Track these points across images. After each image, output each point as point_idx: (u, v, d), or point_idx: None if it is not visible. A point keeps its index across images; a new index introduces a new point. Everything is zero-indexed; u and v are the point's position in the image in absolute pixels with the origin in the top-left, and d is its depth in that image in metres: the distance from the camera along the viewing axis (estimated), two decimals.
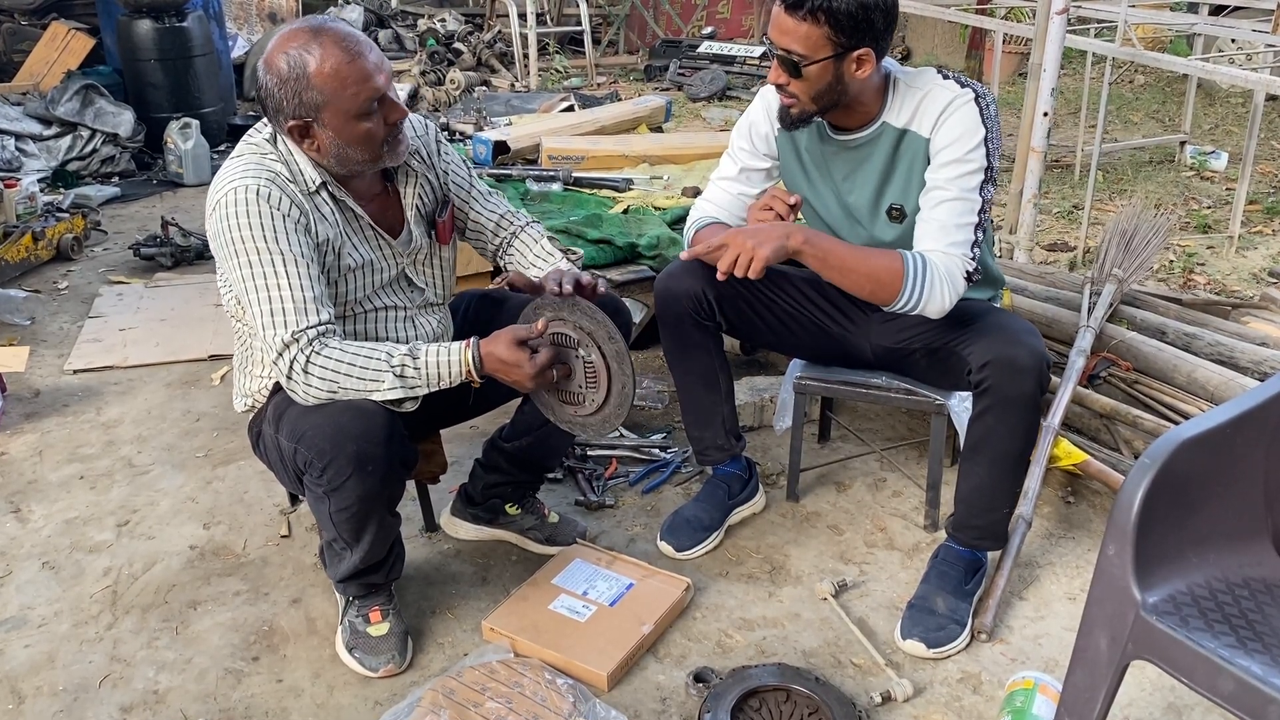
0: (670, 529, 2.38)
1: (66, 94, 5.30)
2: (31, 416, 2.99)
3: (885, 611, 2.17)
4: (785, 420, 2.55)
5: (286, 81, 1.78)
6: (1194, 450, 1.45)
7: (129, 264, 4.18)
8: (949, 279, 1.99)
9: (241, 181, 1.81)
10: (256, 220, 1.80)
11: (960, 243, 1.99)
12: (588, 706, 1.87)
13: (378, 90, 1.81)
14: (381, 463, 1.82)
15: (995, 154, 2.01)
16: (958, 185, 1.98)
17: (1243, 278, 4.01)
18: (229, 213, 1.81)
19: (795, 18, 1.90)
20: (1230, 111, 6.71)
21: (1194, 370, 2.72)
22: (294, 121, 1.81)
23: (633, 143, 3.94)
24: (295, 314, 1.80)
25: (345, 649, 2.02)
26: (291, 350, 1.80)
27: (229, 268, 1.84)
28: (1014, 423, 2.04)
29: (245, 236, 1.80)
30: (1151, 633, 1.39)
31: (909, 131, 2.05)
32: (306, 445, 1.83)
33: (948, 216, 1.99)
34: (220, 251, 1.85)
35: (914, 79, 2.06)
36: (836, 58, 1.93)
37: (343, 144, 1.83)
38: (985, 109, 1.99)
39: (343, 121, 1.80)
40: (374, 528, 1.92)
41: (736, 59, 7.63)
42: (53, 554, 2.37)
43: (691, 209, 2.38)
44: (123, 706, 1.93)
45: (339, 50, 1.77)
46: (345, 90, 1.78)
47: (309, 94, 1.78)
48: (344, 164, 1.87)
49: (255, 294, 1.81)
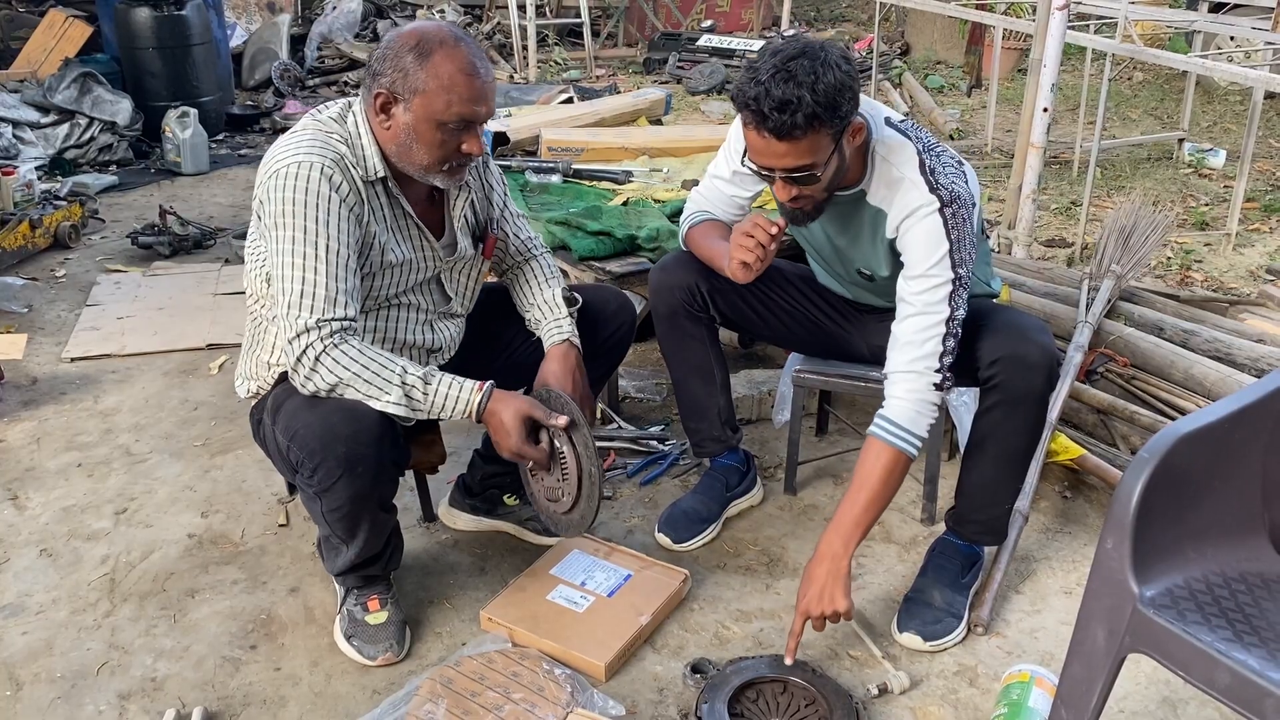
0: (668, 521, 2.38)
1: (64, 82, 5.29)
2: (29, 404, 2.99)
3: (882, 604, 2.18)
4: (784, 413, 2.55)
5: (405, 54, 1.78)
6: (1192, 445, 1.45)
7: (127, 252, 4.17)
8: (919, 408, 1.94)
9: (308, 157, 1.80)
10: (314, 199, 1.79)
11: (925, 357, 1.94)
12: (585, 696, 1.87)
13: (472, 114, 1.81)
14: (371, 464, 1.82)
15: (966, 261, 1.94)
16: (922, 300, 1.94)
17: (1240, 275, 4.02)
18: (287, 184, 1.80)
19: (791, 140, 1.82)
20: (1229, 109, 6.72)
21: (1191, 366, 2.73)
22: (384, 91, 1.81)
23: (632, 135, 3.94)
24: (325, 301, 1.80)
25: (343, 637, 2.03)
26: (309, 336, 1.79)
27: (271, 238, 1.82)
28: (1021, 419, 2.05)
29: (297, 212, 1.79)
30: (1148, 626, 1.40)
31: (882, 213, 2.01)
32: (298, 445, 1.82)
33: (913, 334, 1.95)
34: (267, 219, 1.83)
35: (891, 154, 1.98)
36: (837, 144, 1.87)
37: (413, 137, 1.82)
38: (950, 218, 1.92)
39: (425, 118, 1.80)
40: (368, 525, 1.93)
41: (736, 52, 7.62)
42: (50, 541, 2.37)
43: (688, 200, 2.38)
44: (121, 694, 1.93)
45: (466, 63, 1.79)
46: (447, 94, 1.78)
47: (416, 76, 1.78)
48: (403, 156, 1.86)
49: (290, 270, 1.79)
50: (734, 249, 2.05)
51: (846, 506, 1.95)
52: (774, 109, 1.77)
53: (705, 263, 2.24)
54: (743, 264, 2.04)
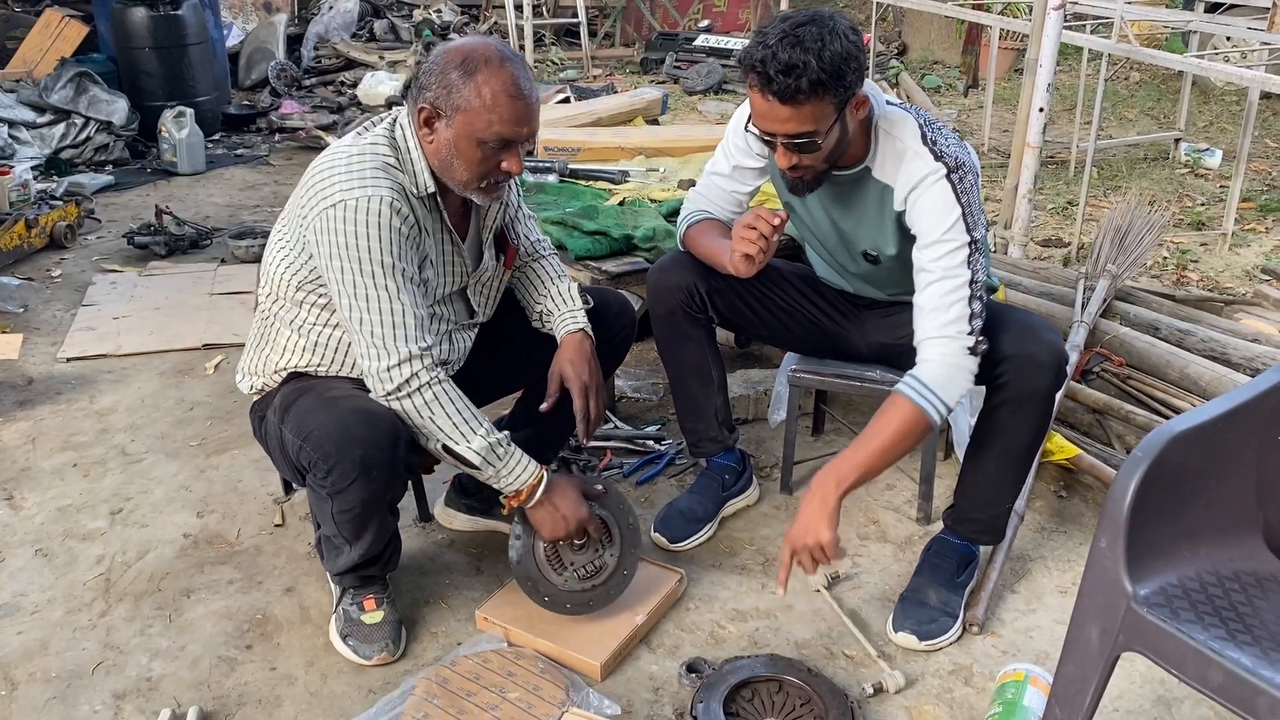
0: (664, 520, 2.38)
1: (60, 81, 5.28)
2: (25, 404, 2.98)
3: (877, 603, 2.18)
4: (779, 413, 2.55)
5: (450, 70, 1.79)
6: (1186, 444, 1.46)
7: (123, 252, 4.17)
8: (952, 377, 1.92)
9: (375, 190, 1.80)
10: (388, 233, 1.80)
11: (954, 321, 1.93)
12: (581, 696, 1.87)
13: (513, 135, 1.81)
14: (386, 468, 1.83)
15: (977, 224, 1.95)
16: (941, 266, 1.94)
17: (1236, 274, 4.03)
18: (358, 218, 1.79)
19: (795, 105, 1.83)
20: (1225, 109, 6.73)
21: (1186, 366, 2.73)
22: (428, 106, 1.82)
23: (629, 135, 3.94)
24: (417, 329, 1.83)
25: (339, 637, 2.03)
26: (415, 365, 1.82)
27: (342, 271, 1.81)
28: (1027, 418, 2.04)
29: (373, 246, 1.79)
30: (1142, 625, 1.40)
31: (889, 188, 2.02)
32: (312, 445, 1.83)
33: (939, 299, 1.94)
34: (334, 250, 1.80)
35: (894, 127, 1.99)
36: (840, 115, 1.89)
37: (454, 153, 1.83)
38: (958, 183, 1.93)
39: (466, 136, 1.80)
40: (375, 527, 1.94)
41: (733, 52, 7.62)
42: (45, 541, 2.37)
43: (684, 201, 2.38)
44: (116, 694, 1.93)
45: (511, 84, 1.79)
46: (489, 113, 1.78)
47: (459, 94, 1.78)
48: (444, 170, 1.87)
49: (375, 303, 1.80)
50: (736, 241, 2.06)
51: (851, 449, 1.93)
52: (779, 72, 1.80)
53: (705, 261, 2.24)
54: (745, 256, 2.05)
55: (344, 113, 6.20)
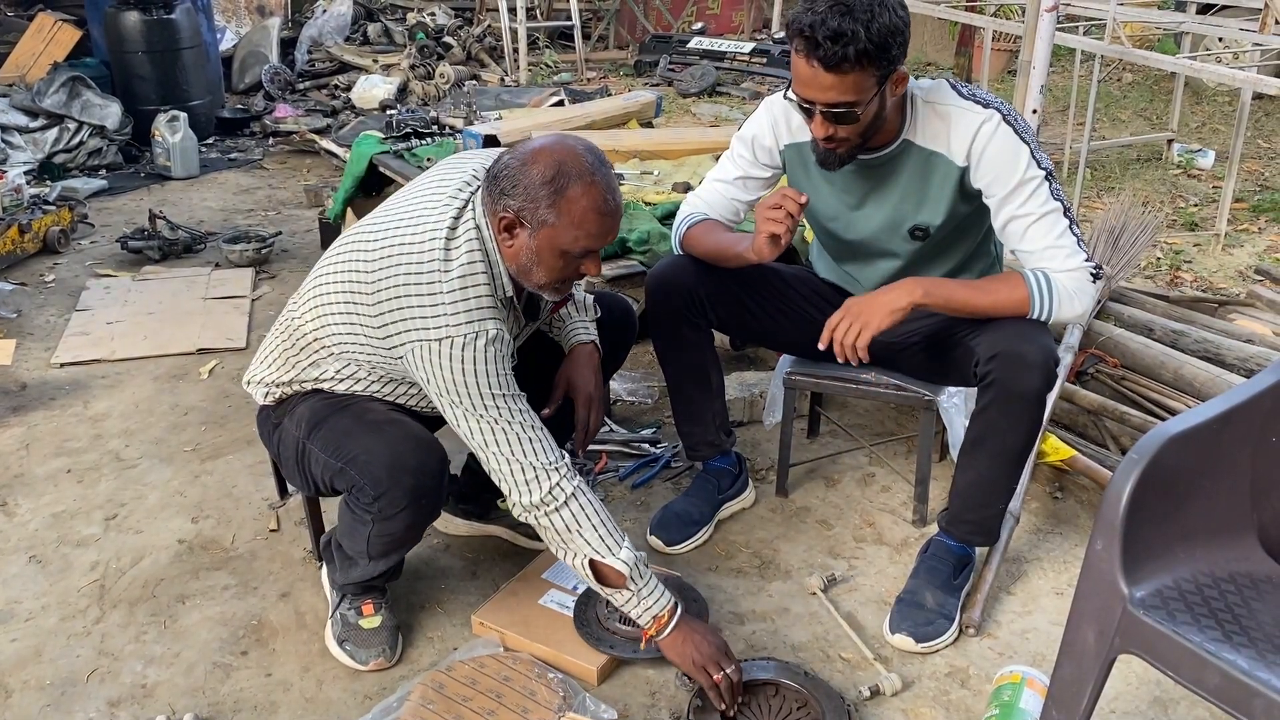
0: (660, 523, 2.38)
1: (53, 86, 5.27)
2: (18, 410, 2.97)
3: (874, 606, 2.18)
4: (775, 415, 2.55)
5: (539, 185, 1.73)
6: (1181, 445, 1.46)
7: (116, 257, 4.16)
8: (1077, 293, 1.99)
9: (482, 326, 1.76)
10: (497, 369, 1.78)
11: (1069, 253, 1.98)
12: (577, 700, 1.87)
13: (598, 246, 1.80)
14: (434, 496, 1.85)
15: (1043, 156, 1.99)
16: (1033, 205, 1.97)
17: (1229, 275, 4.04)
18: (476, 356, 1.76)
19: (839, 73, 1.84)
20: (1217, 110, 6.75)
21: (1181, 367, 2.74)
22: (510, 216, 1.76)
23: (623, 138, 3.94)
24: (545, 446, 1.82)
25: (336, 641, 2.02)
26: (554, 477, 1.81)
27: (447, 404, 1.80)
28: (1017, 418, 2.04)
29: (492, 384, 1.78)
30: (1138, 627, 1.40)
31: (938, 155, 2.02)
32: (359, 470, 1.83)
33: (1044, 239, 1.98)
34: (440, 386, 1.78)
35: (930, 94, 2.03)
36: (880, 89, 1.90)
37: (535, 260, 1.79)
38: (1015, 122, 1.98)
39: (550, 247, 1.77)
40: (405, 550, 1.97)
41: (726, 55, 7.62)
42: (39, 548, 2.36)
43: (683, 204, 2.37)
44: (110, 700, 1.92)
45: (600, 201, 1.75)
46: (578, 229, 1.75)
47: (548, 211, 1.74)
48: (521, 275, 1.83)
49: (501, 441, 1.79)
50: (761, 223, 2.04)
51: (949, 282, 2.05)
52: (827, 38, 1.81)
53: (710, 258, 2.24)
54: (771, 237, 2.03)
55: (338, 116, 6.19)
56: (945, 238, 2.13)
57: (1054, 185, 1.99)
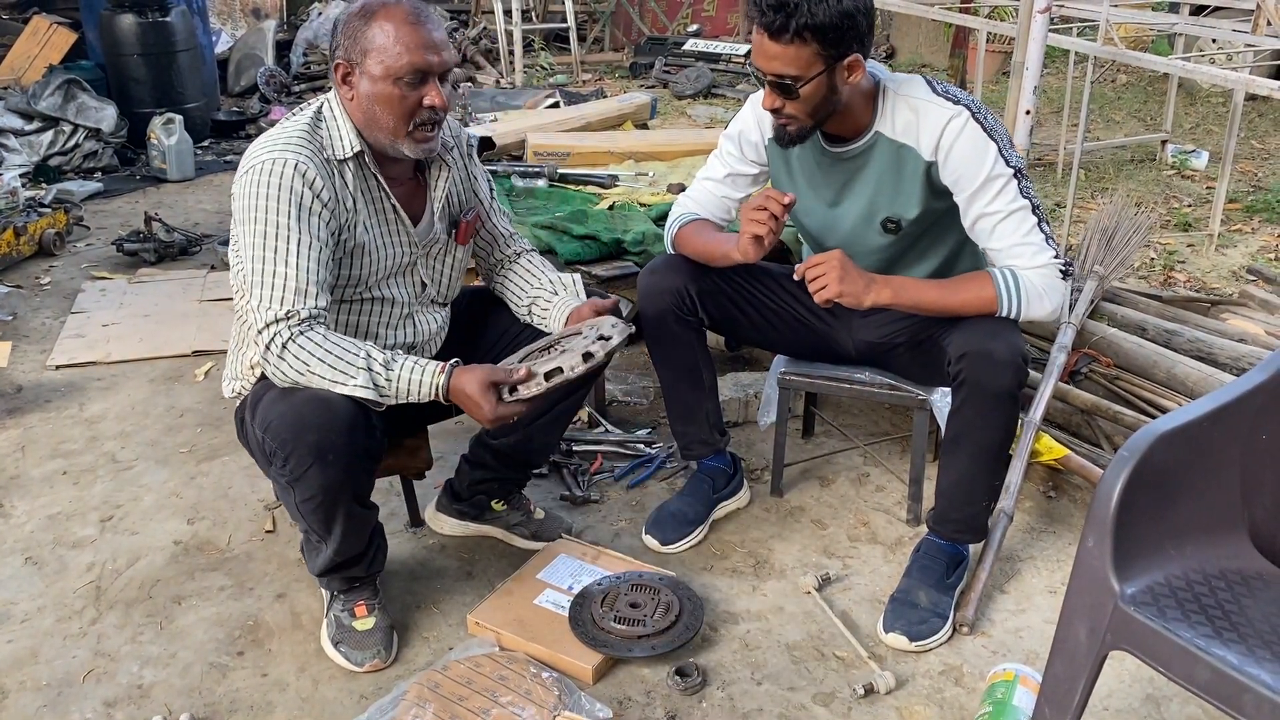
0: (655, 523, 2.39)
1: (48, 89, 5.27)
2: (14, 412, 2.98)
3: (868, 605, 2.19)
4: (769, 415, 2.56)
5: (352, 20, 1.86)
6: (1172, 443, 1.47)
7: (112, 259, 4.16)
8: (1046, 290, 2.01)
9: (282, 154, 1.83)
10: (287, 194, 1.82)
11: (1037, 250, 2.00)
12: (573, 699, 1.88)
13: (424, 63, 1.84)
14: (343, 453, 1.81)
15: (1013, 154, 2.01)
16: (1000, 202, 1.99)
17: (1222, 275, 4.05)
18: (260, 179, 1.82)
19: (781, 42, 1.89)
20: (1211, 110, 6.77)
21: (1174, 366, 2.75)
22: (342, 61, 1.87)
23: (618, 139, 3.95)
24: (294, 294, 1.81)
25: (330, 643, 2.02)
26: (277, 326, 1.81)
27: (244, 232, 1.85)
28: (991, 416, 2.06)
29: (269, 206, 1.82)
30: (1130, 624, 1.41)
31: (907, 147, 2.04)
32: (271, 435, 1.83)
33: (1012, 236, 2.00)
34: (241, 214, 1.85)
35: (902, 87, 2.05)
36: (828, 70, 1.92)
37: (374, 100, 1.86)
38: (983, 120, 1.99)
39: (381, 76, 1.84)
40: (343, 519, 1.91)
41: (722, 56, 7.64)
42: (35, 549, 2.36)
43: (674, 205, 2.39)
44: (107, 701, 1.93)
45: (409, 14, 1.84)
46: (394, 47, 1.83)
47: (364, 37, 1.84)
48: (371, 125, 1.89)
49: (262, 264, 1.82)
50: (745, 224, 2.07)
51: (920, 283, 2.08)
52: (771, 6, 1.86)
53: (700, 257, 2.25)
54: (755, 238, 2.06)
55: None
56: (923, 235, 2.14)
57: (1024, 183, 2.00)
